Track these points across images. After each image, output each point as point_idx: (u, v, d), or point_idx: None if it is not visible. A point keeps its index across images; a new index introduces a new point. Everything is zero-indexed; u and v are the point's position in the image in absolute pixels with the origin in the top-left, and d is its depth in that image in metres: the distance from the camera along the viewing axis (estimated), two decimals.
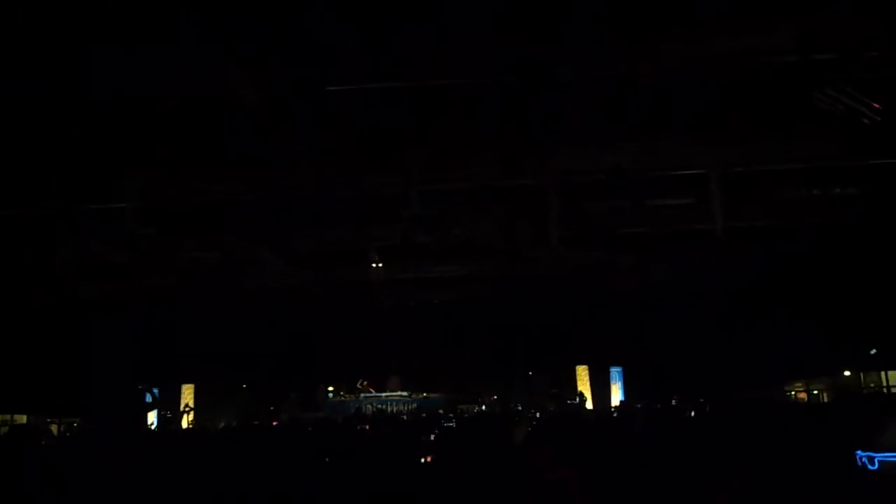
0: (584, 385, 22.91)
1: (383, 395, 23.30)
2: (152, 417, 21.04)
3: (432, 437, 9.78)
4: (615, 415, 15.27)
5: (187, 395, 23.62)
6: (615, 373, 22.94)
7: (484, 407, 21.53)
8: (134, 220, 9.22)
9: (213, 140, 8.66)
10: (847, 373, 18.79)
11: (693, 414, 13.35)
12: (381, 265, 14.30)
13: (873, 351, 17.01)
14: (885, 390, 17.52)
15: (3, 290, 13.70)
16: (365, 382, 23.77)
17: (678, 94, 8.45)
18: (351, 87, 7.74)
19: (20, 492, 6.02)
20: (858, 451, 5.22)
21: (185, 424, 20.60)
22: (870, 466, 5.14)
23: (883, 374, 17.95)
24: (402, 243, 12.00)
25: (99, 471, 6.81)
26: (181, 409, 22.03)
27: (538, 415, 15.83)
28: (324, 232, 12.21)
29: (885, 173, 10.61)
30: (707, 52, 7.49)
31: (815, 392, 19.35)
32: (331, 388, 24.57)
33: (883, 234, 12.34)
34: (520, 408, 19.80)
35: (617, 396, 22.40)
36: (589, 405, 21.47)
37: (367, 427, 11.88)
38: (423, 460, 8.03)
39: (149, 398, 16.69)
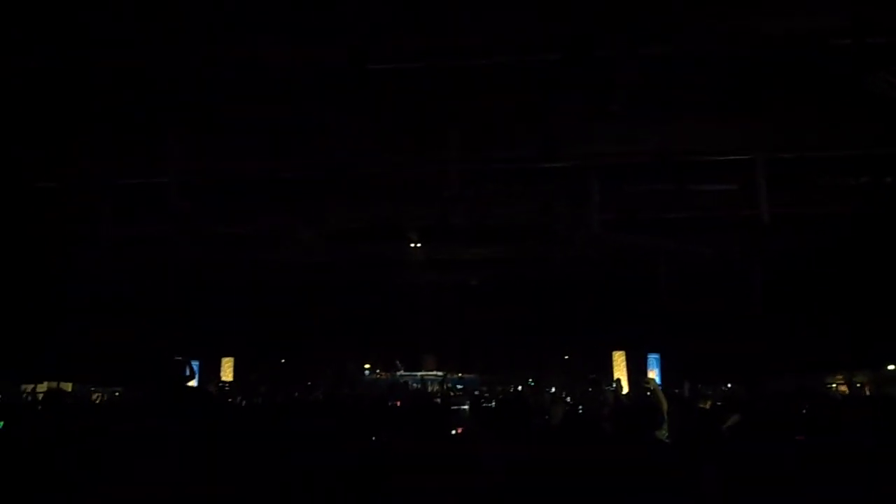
0: (620, 370, 22.77)
1: (419, 374, 23.43)
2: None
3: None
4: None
5: (227, 368, 23.97)
6: (652, 359, 22.74)
7: (520, 388, 21.51)
8: (177, 194, 9.28)
9: (253, 115, 8.69)
10: (891, 367, 18.40)
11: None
12: (419, 245, 14.27)
13: None
14: None
15: (44, 265, 13.97)
16: (397, 361, 23.94)
17: (725, 75, 8.26)
18: (392, 66, 7.70)
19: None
20: None
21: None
22: None
23: None
24: (440, 223, 11.96)
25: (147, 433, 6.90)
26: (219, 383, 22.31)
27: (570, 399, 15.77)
28: (361, 209, 12.21)
29: None
30: (757, 32, 7.29)
31: (858, 385, 18.95)
32: (367, 366, 24.79)
33: None
34: (553, 390, 19.74)
35: None
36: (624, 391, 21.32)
37: (399, 402, 11.99)
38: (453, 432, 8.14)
39: (187, 371, 16.99)
